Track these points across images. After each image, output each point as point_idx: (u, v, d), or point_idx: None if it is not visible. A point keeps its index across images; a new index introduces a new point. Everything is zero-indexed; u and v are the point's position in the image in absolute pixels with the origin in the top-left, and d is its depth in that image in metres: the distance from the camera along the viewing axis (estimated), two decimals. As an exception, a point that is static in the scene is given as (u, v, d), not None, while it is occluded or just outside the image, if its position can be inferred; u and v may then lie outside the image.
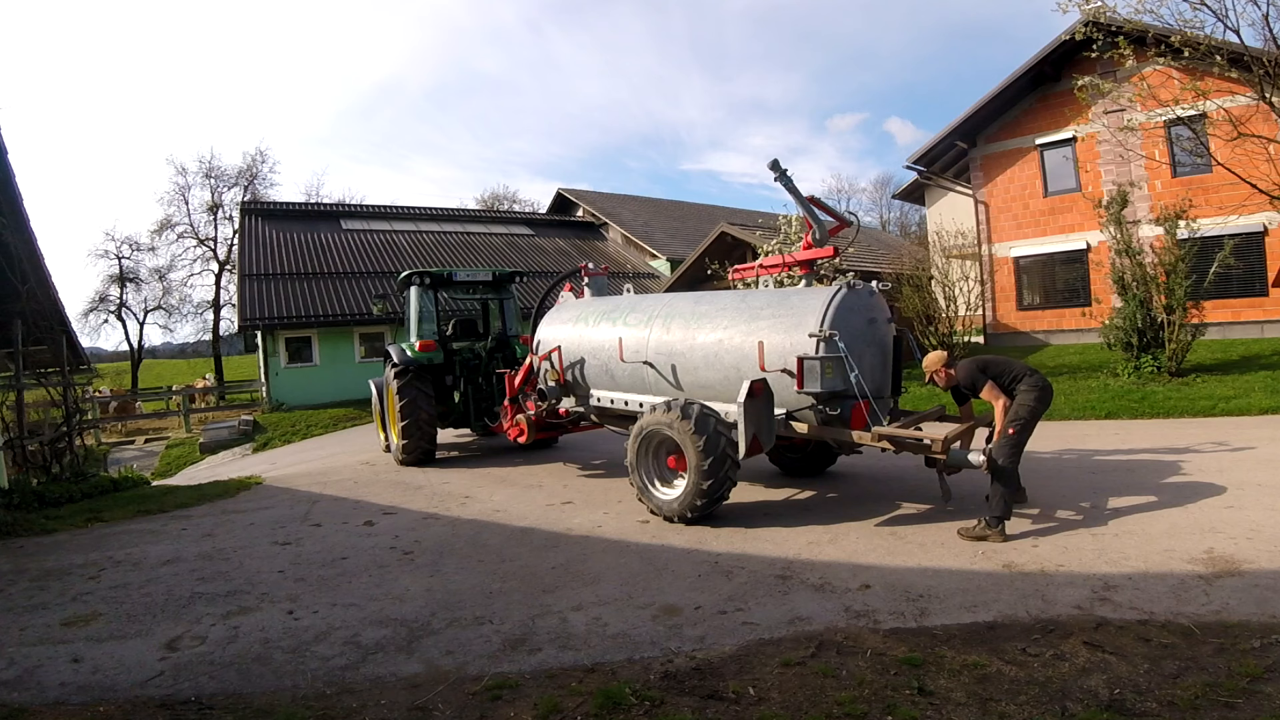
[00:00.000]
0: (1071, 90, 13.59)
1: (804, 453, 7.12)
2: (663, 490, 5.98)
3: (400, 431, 9.18)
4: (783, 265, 7.10)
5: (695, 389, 6.27)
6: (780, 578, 4.48)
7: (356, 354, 20.24)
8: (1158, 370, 11.44)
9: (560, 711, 3.02)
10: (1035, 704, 2.86)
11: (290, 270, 21.06)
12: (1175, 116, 13.55)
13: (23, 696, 3.41)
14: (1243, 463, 6.51)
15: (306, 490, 8.26)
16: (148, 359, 41.57)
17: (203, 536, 6.33)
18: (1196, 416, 9.18)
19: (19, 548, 6.26)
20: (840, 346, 5.34)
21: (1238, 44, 10.82)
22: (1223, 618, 3.51)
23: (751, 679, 3.21)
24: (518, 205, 50.26)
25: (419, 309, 9.98)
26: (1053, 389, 5.36)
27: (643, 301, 7.32)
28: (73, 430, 10.76)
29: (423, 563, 5.19)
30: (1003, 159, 19.03)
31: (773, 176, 6.34)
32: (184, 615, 4.38)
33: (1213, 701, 2.78)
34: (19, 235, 8.62)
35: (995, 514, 4.91)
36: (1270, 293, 15.16)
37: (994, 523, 4.89)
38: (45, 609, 4.60)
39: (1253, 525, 4.79)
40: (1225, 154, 12.18)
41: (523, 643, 3.74)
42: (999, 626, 3.60)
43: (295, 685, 3.40)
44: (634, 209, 32.97)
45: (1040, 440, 5.07)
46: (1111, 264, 12.21)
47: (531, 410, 8.06)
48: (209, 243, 35.44)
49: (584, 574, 4.76)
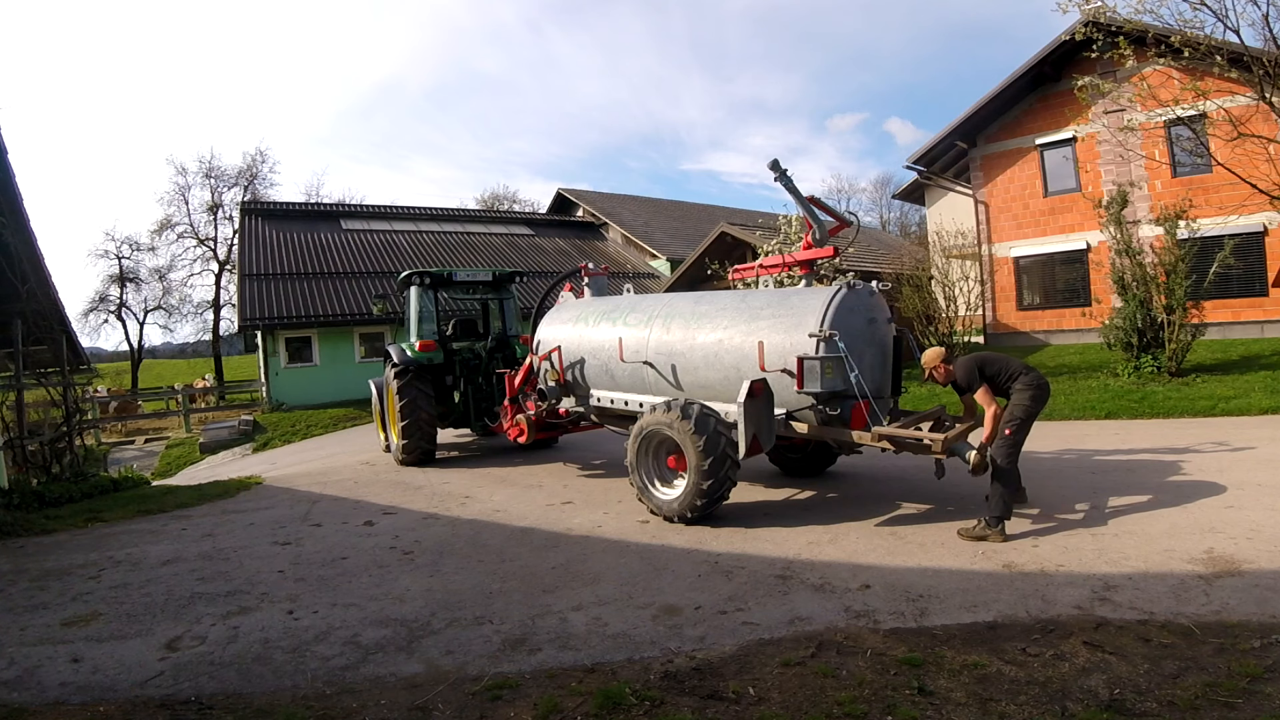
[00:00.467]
0: (1071, 90, 13.60)
1: (804, 453, 7.12)
2: (663, 490, 5.98)
3: (400, 431, 9.18)
4: (783, 265, 7.09)
5: (695, 389, 6.27)
6: (780, 578, 4.48)
7: (356, 354, 20.24)
8: (1158, 370, 11.44)
9: (560, 711, 3.02)
10: (1035, 704, 2.86)
11: (290, 270, 21.06)
12: (1175, 116, 13.54)
13: (23, 696, 3.41)
14: (1243, 463, 6.51)
15: (306, 490, 8.26)
16: (148, 359, 41.57)
17: (203, 536, 6.33)
18: (1196, 416, 9.18)
19: (19, 548, 6.26)
20: (840, 346, 5.34)
21: (1238, 44, 10.82)
22: (1223, 618, 3.51)
23: (751, 679, 3.21)
24: (518, 205, 50.28)
25: (419, 309, 9.98)
26: (1049, 387, 5.36)
27: (643, 301, 7.32)
28: (73, 430, 10.77)
29: (423, 563, 5.19)
30: (1003, 159, 19.03)
31: (773, 176, 6.34)
32: (184, 615, 4.38)
33: (1213, 701, 2.78)
34: (19, 235, 8.61)
35: (995, 514, 4.91)
36: (1270, 293, 15.16)
37: (994, 523, 4.89)
38: (45, 609, 4.60)
39: (1253, 525, 4.79)
40: (1225, 154, 12.18)
41: (523, 643, 3.74)
42: (999, 626, 3.60)
43: (295, 685, 3.40)
44: (634, 209, 32.97)
45: (1040, 440, 5.08)
46: (1111, 264, 12.21)
47: (531, 410, 8.06)
48: (209, 243, 35.47)
49: (584, 574, 4.76)
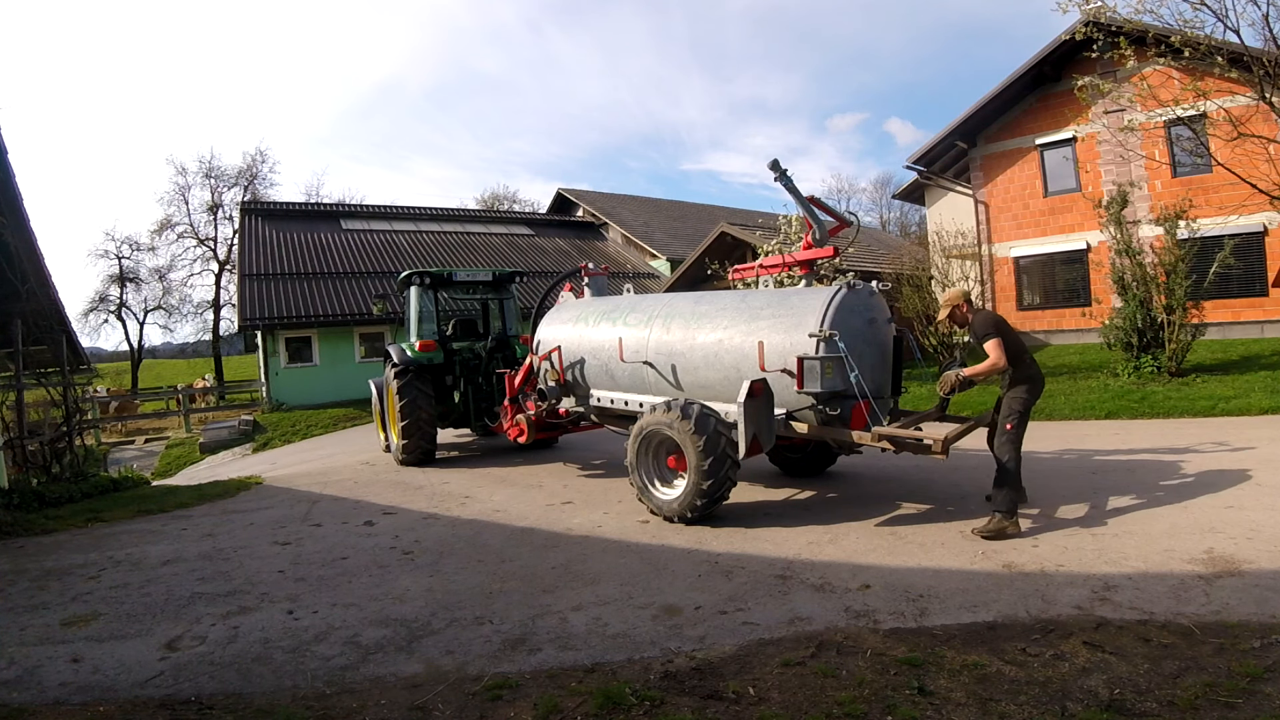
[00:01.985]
0: (1071, 90, 13.59)
1: (804, 453, 7.12)
2: (663, 490, 5.98)
3: (400, 431, 9.18)
4: (783, 265, 7.09)
5: (695, 389, 6.26)
6: (780, 578, 4.48)
7: (356, 354, 20.24)
8: (1158, 370, 11.43)
9: (560, 711, 3.02)
10: (1035, 704, 2.85)
11: (290, 270, 21.06)
12: (1175, 116, 13.54)
13: (23, 696, 3.41)
14: (1243, 463, 6.51)
15: (306, 490, 8.26)
16: (148, 359, 41.59)
17: (203, 536, 6.33)
18: (1196, 416, 9.18)
19: (19, 548, 6.26)
20: (840, 346, 5.34)
21: (1238, 44, 10.82)
22: (1223, 618, 3.50)
23: (751, 679, 3.21)
24: (518, 205, 50.33)
25: (419, 309, 9.98)
26: (1044, 379, 5.41)
27: (643, 301, 7.32)
28: (73, 430, 10.77)
29: (423, 563, 5.19)
30: (1003, 159, 19.03)
31: (773, 176, 6.33)
32: (184, 615, 4.38)
33: (1213, 701, 2.78)
34: (19, 235, 8.61)
35: (1005, 507, 4.94)
36: (1270, 293, 15.16)
37: (1007, 515, 4.91)
38: (45, 609, 4.60)
39: (1253, 525, 4.79)
40: (1225, 154, 12.18)
41: (523, 643, 3.74)
42: (999, 626, 3.60)
43: (295, 685, 3.40)
44: (634, 209, 32.97)
45: (1040, 440, 5.08)
46: (1111, 264, 12.21)
47: (531, 410, 8.06)
48: (209, 243, 35.49)
49: (584, 574, 4.76)
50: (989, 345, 5.17)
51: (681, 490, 5.69)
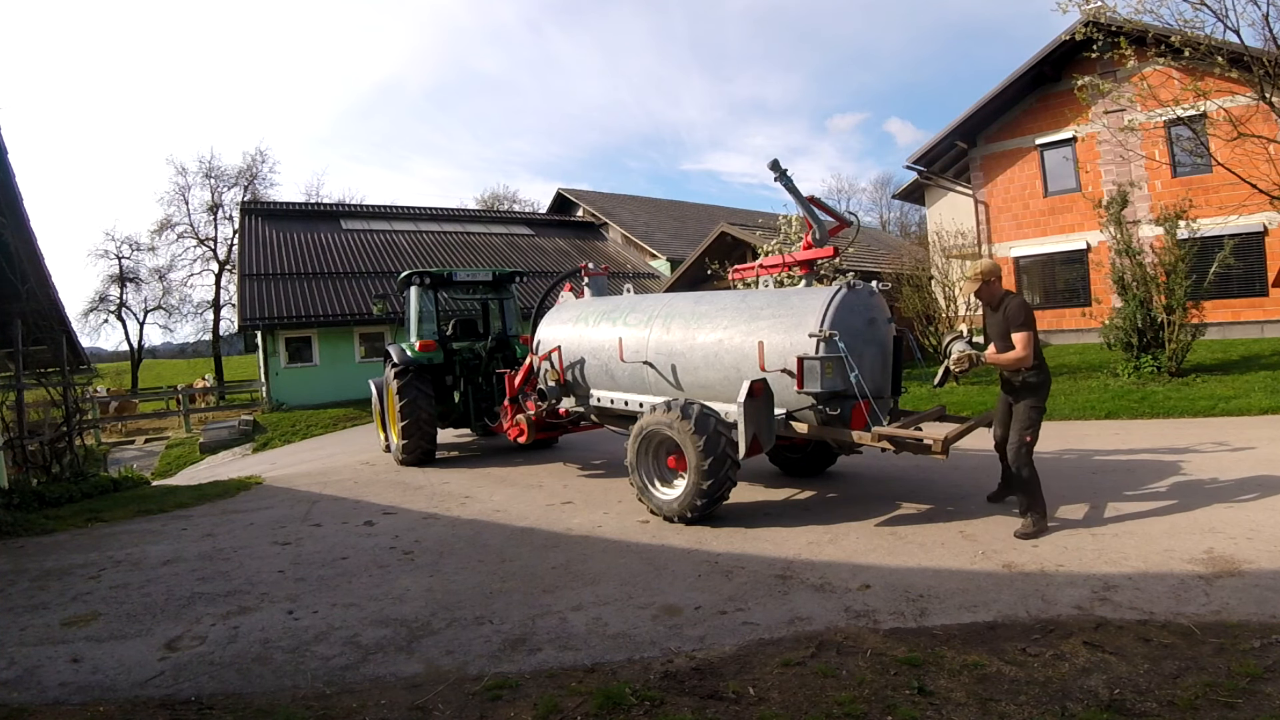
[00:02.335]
0: (1071, 90, 13.59)
1: (804, 453, 7.12)
2: (663, 490, 5.97)
3: (400, 431, 9.18)
4: (783, 265, 7.09)
5: (695, 389, 6.26)
6: (780, 578, 4.48)
7: (356, 354, 20.24)
8: (1158, 370, 11.43)
9: (560, 711, 3.02)
10: (1035, 704, 2.85)
11: (290, 270, 21.06)
12: (1175, 116, 13.53)
13: (23, 696, 3.41)
14: (1243, 463, 6.51)
15: (306, 490, 8.26)
16: (148, 359, 41.60)
17: (203, 536, 6.33)
18: (1196, 416, 9.18)
19: (19, 548, 6.26)
20: (840, 346, 5.34)
21: (1238, 44, 10.81)
22: (1223, 618, 3.50)
23: (751, 679, 3.21)
24: (518, 205, 50.32)
25: (419, 309, 9.98)
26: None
27: (643, 301, 7.32)
28: (73, 430, 10.77)
29: (423, 563, 5.19)
30: (1003, 159, 19.04)
31: (773, 176, 6.34)
32: (184, 615, 4.38)
33: (1213, 701, 2.78)
34: (19, 235, 8.61)
35: (1037, 511, 4.97)
36: (1270, 293, 15.17)
37: (1038, 519, 4.95)
38: (45, 609, 4.60)
39: (1253, 525, 4.79)
40: (1225, 154, 12.18)
41: (523, 643, 3.74)
42: (999, 626, 3.60)
43: (295, 685, 3.40)
44: (634, 209, 32.97)
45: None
46: (1111, 264, 12.20)
47: (531, 410, 8.06)
48: (209, 243, 35.49)
49: (584, 574, 4.76)
50: (1020, 337, 4.82)
51: (681, 490, 5.69)
